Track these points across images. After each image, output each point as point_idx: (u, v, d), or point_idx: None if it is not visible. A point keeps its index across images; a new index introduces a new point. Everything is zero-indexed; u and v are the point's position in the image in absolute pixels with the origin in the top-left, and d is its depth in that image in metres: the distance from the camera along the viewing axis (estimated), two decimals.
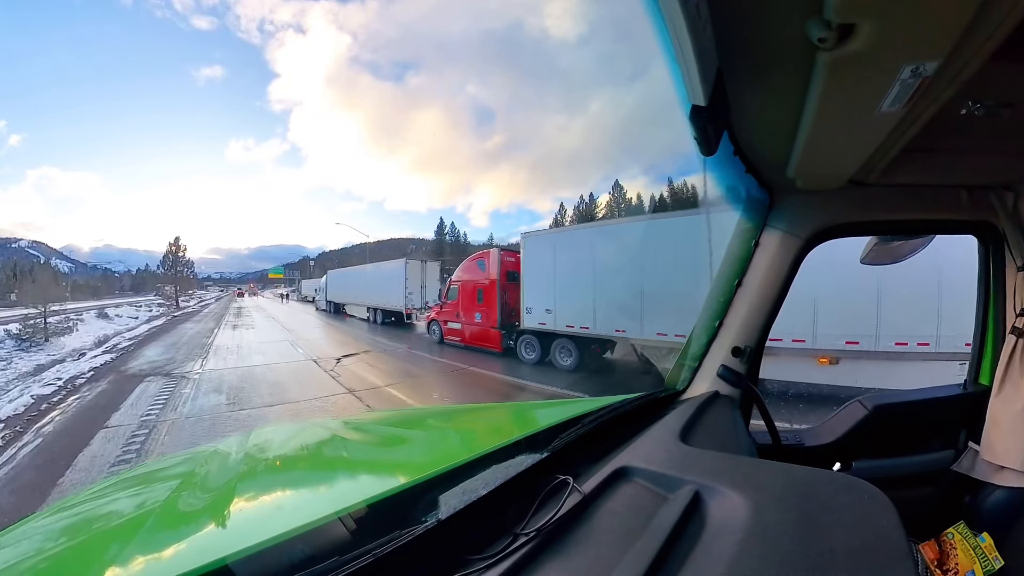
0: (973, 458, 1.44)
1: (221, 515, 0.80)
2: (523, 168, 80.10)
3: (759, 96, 0.94)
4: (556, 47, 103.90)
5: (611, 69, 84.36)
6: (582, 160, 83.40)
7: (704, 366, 1.53)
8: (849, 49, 0.70)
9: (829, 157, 1.14)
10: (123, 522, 0.95)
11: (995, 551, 1.21)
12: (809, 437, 1.64)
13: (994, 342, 1.54)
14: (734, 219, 1.52)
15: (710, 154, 1.04)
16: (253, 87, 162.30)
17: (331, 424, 1.66)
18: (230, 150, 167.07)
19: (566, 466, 0.90)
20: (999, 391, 1.34)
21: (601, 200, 48.75)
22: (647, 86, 66.70)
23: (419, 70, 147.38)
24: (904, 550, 0.58)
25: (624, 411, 1.25)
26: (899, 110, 0.86)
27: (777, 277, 1.44)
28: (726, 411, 1.35)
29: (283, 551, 0.63)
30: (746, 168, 1.24)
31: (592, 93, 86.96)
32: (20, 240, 69.08)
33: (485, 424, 1.61)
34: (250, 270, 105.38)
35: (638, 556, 0.61)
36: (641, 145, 69.20)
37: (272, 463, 1.18)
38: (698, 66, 0.75)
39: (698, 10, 0.66)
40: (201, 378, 9.41)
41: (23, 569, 0.76)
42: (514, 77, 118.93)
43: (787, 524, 0.64)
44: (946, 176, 1.34)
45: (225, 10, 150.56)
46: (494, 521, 0.74)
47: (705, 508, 0.72)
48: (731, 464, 0.86)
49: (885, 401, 1.65)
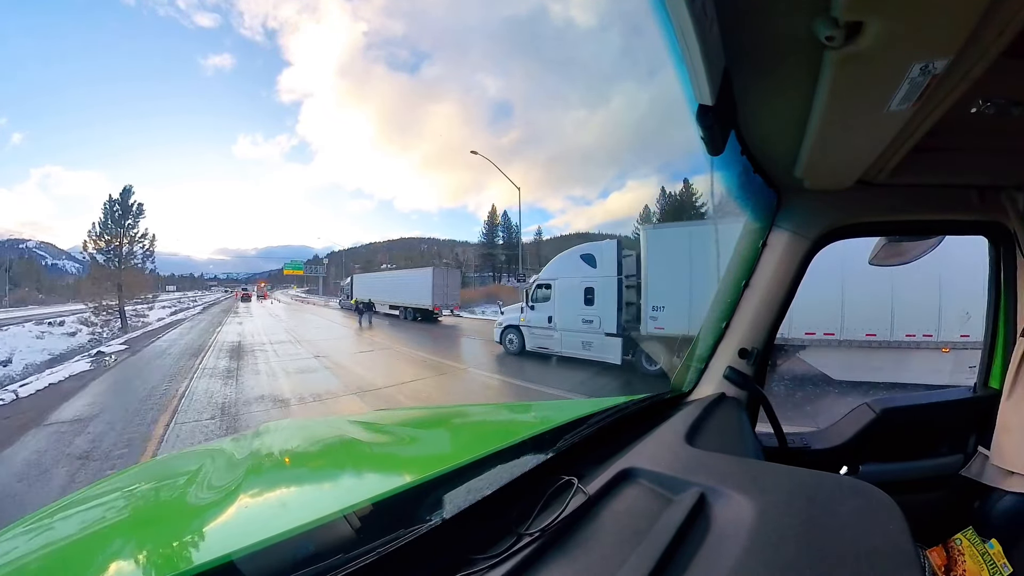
0: (982, 463, 1.42)
1: (227, 512, 0.81)
2: (537, 166, 80.00)
3: (766, 95, 0.93)
4: (565, 43, 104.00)
5: (617, 68, 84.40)
6: (590, 158, 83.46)
7: (711, 367, 1.52)
8: (857, 47, 0.69)
9: (837, 157, 1.13)
10: (129, 518, 0.96)
11: (1004, 558, 1.19)
12: (816, 440, 1.63)
13: (1004, 345, 1.52)
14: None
15: (717, 154, 1.04)
16: (263, 76, 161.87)
17: (337, 422, 1.66)
18: (238, 146, 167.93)
19: (571, 467, 0.90)
20: (1009, 395, 1.32)
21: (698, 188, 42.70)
22: (654, 85, 66.62)
23: (435, 60, 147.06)
24: (911, 556, 0.57)
25: (630, 412, 1.24)
26: (908, 109, 0.85)
27: (785, 278, 1.43)
28: (732, 413, 1.34)
29: (288, 548, 0.63)
30: (753, 168, 1.23)
31: (599, 92, 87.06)
32: (28, 240, 67.20)
33: (490, 424, 1.61)
34: (258, 270, 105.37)
35: (642, 558, 0.61)
36: (649, 145, 69.00)
37: (278, 460, 1.19)
38: (705, 65, 0.74)
39: (704, 9, 0.66)
40: None
41: (30, 564, 0.76)
42: (526, 73, 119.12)
43: (793, 528, 0.63)
44: (956, 176, 1.32)
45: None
46: (498, 521, 0.74)
47: (710, 511, 0.72)
48: (737, 467, 0.85)
49: (893, 404, 1.63)
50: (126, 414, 6.83)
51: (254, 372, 10.05)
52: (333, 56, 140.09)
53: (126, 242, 22.92)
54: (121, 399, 7.81)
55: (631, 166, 76.23)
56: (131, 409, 7.08)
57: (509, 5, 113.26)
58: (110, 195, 23.43)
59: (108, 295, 21.32)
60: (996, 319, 1.56)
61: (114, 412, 6.97)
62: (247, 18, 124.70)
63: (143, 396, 7.90)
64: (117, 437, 5.84)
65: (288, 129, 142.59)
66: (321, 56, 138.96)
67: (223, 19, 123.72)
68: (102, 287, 21.54)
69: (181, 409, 7.01)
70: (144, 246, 23.61)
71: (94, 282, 22.19)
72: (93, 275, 22.70)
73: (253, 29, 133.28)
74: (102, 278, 21.94)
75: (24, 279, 44.51)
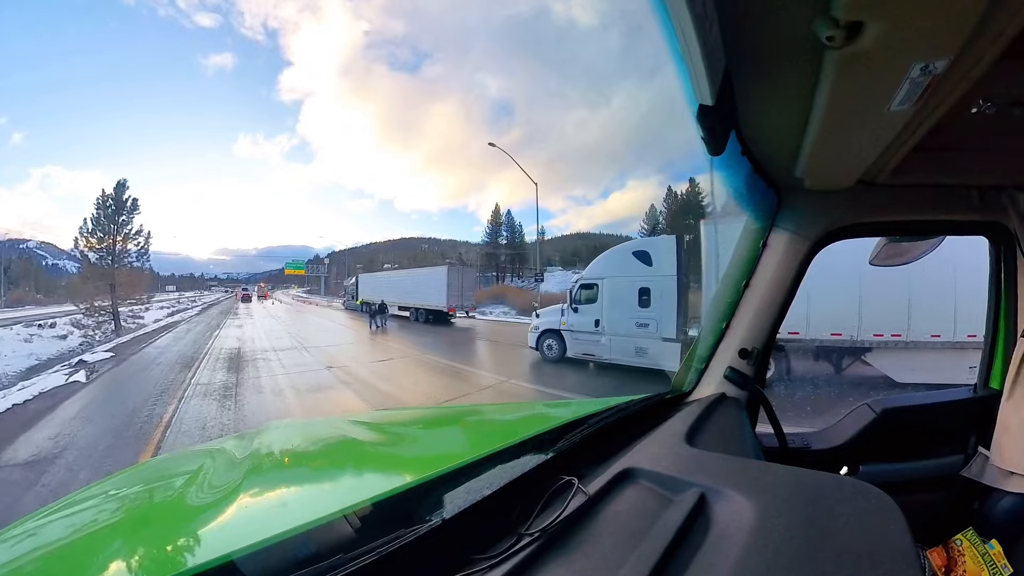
0: (983, 463, 1.42)
1: (227, 512, 0.81)
2: (538, 165, 79.71)
3: (767, 95, 0.93)
4: (566, 43, 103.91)
5: (617, 68, 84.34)
6: (590, 158, 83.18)
7: (711, 368, 1.52)
8: (857, 47, 0.69)
9: (838, 157, 1.13)
10: (130, 518, 0.96)
11: (1004, 558, 1.19)
12: (816, 440, 1.63)
13: (1005, 345, 1.52)
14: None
15: (717, 154, 1.04)
16: (264, 76, 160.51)
17: (337, 422, 1.66)
18: (239, 145, 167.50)
19: (571, 467, 0.90)
20: (1010, 395, 1.32)
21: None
22: (654, 85, 66.49)
23: (436, 60, 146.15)
24: (911, 556, 0.57)
25: (630, 412, 1.24)
26: (908, 109, 0.85)
27: (785, 278, 1.43)
28: (733, 413, 1.34)
29: (288, 548, 0.63)
30: (754, 168, 1.23)
31: (599, 92, 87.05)
32: (29, 240, 66.50)
33: (491, 424, 1.61)
34: (258, 270, 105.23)
35: (642, 558, 0.60)
36: (650, 144, 68.87)
37: (279, 460, 1.19)
38: (705, 65, 0.74)
39: (704, 9, 0.66)
40: None
41: (30, 564, 0.77)
42: (527, 72, 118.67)
43: (793, 528, 0.63)
44: (956, 176, 1.32)
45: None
46: (499, 521, 0.74)
47: (710, 511, 0.72)
48: (737, 467, 0.85)
49: (894, 405, 1.63)
50: (94, 455, 5.39)
51: (256, 389, 8.48)
52: (334, 55, 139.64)
53: (120, 239, 21.07)
54: (93, 429, 6.35)
55: (631, 166, 76.07)
56: (102, 447, 5.64)
57: (510, 4, 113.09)
58: (103, 190, 21.20)
59: (100, 295, 19.70)
60: (996, 319, 1.56)
61: (80, 450, 5.54)
62: (247, 18, 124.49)
63: (119, 426, 6.47)
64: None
65: (289, 128, 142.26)
66: (322, 55, 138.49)
67: (223, 19, 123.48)
68: (94, 287, 19.84)
69: (165, 445, 5.72)
70: (139, 243, 21.64)
71: (85, 282, 20.44)
72: (85, 274, 21.02)
73: (254, 29, 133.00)
74: (94, 277, 20.15)
75: (23, 279, 44.31)
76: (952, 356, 7.21)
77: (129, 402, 7.73)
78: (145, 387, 8.75)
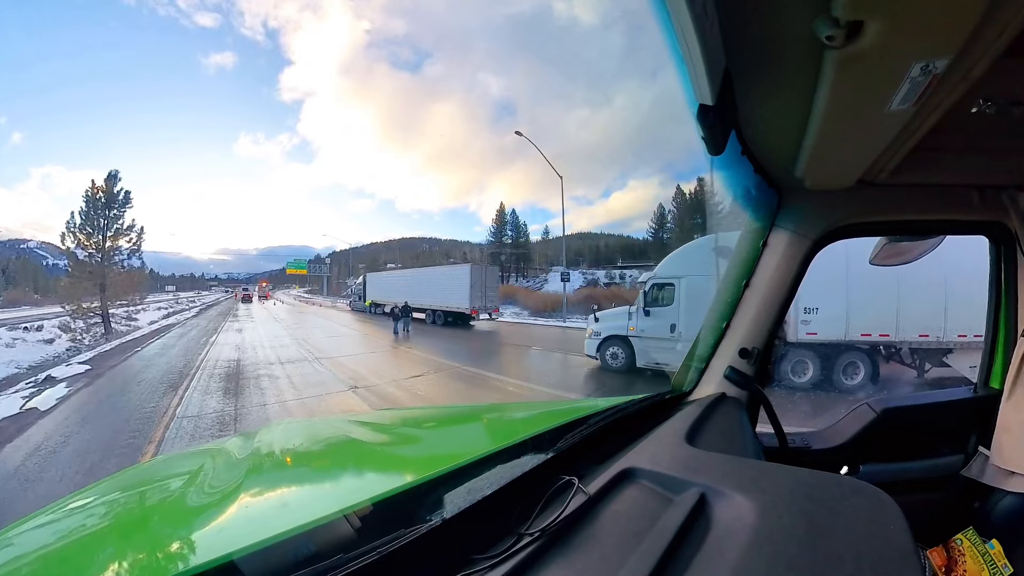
0: (983, 463, 1.42)
1: (227, 512, 0.81)
2: (539, 164, 79.56)
3: (767, 95, 0.93)
4: (566, 43, 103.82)
5: (617, 68, 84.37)
6: (591, 157, 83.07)
7: (711, 367, 1.52)
8: (858, 47, 0.69)
9: (838, 156, 1.13)
10: (130, 518, 0.96)
11: (1004, 558, 1.19)
12: (816, 440, 1.63)
13: (1005, 345, 1.52)
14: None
15: (718, 154, 1.04)
16: (264, 75, 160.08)
17: (338, 422, 1.66)
18: (239, 145, 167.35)
19: (571, 467, 0.90)
20: (1010, 395, 1.32)
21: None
22: (655, 85, 66.44)
23: (437, 59, 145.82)
24: (911, 556, 0.57)
25: (630, 412, 1.24)
26: (909, 108, 0.85)
27: (785, 278, 1.43)
28: (733, 413, 1.34)
29: (289, 548, 0.63)
30: (754, 168, 1.23)
31: (600, 91, 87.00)
32: (29, 240, 66.00)
33: (491, 424, 1.61)
34: (259, 270, 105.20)
35: (643, 558, 0.60)
36: (650, 144, 68.79)
37: (279, 460, 1.19)
38: (705, 65, 0.74)
39: (704, 9, 0.66)
40: None
41: (30, 564, 0.77)
42: (528, 72, 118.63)
43: (793, 528, 0.63)
44: (957, 176, 1.32)
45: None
46: (499, 521, 0.74)
47: (711, 511, 0.72)
48: (737, 467, 0.85)
49: (894, 404, 1.63)
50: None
51: (262, 420, 6.31)
52: (335, 55, 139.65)
53: (110, 235, 19.17)
54: (37, 491, 4.29)
55: (632, 166, 76.00)
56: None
57: (511, 4, 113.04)
58: (92, 181, 18.91)
59: (89, 296, 17.95)
60: (996, 319, 1.56)
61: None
62: (248, 17, 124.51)
63: (74, 487, 2.63)
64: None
65: (290, 128, 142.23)
66: (323, 55, 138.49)
67: (224, 19, 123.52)
68: (82, 287, 18.00)
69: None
70: (131, 240, 19.66)
71: (74, 281, 18.41)
72: (72, 273, 18.83)
73: (254, 28, 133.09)
74: (82, 277, 18.19)
75: (23, 279, 44.34)
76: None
77: (95, 443, 5.59)
78: (118, 417, 6.72)
